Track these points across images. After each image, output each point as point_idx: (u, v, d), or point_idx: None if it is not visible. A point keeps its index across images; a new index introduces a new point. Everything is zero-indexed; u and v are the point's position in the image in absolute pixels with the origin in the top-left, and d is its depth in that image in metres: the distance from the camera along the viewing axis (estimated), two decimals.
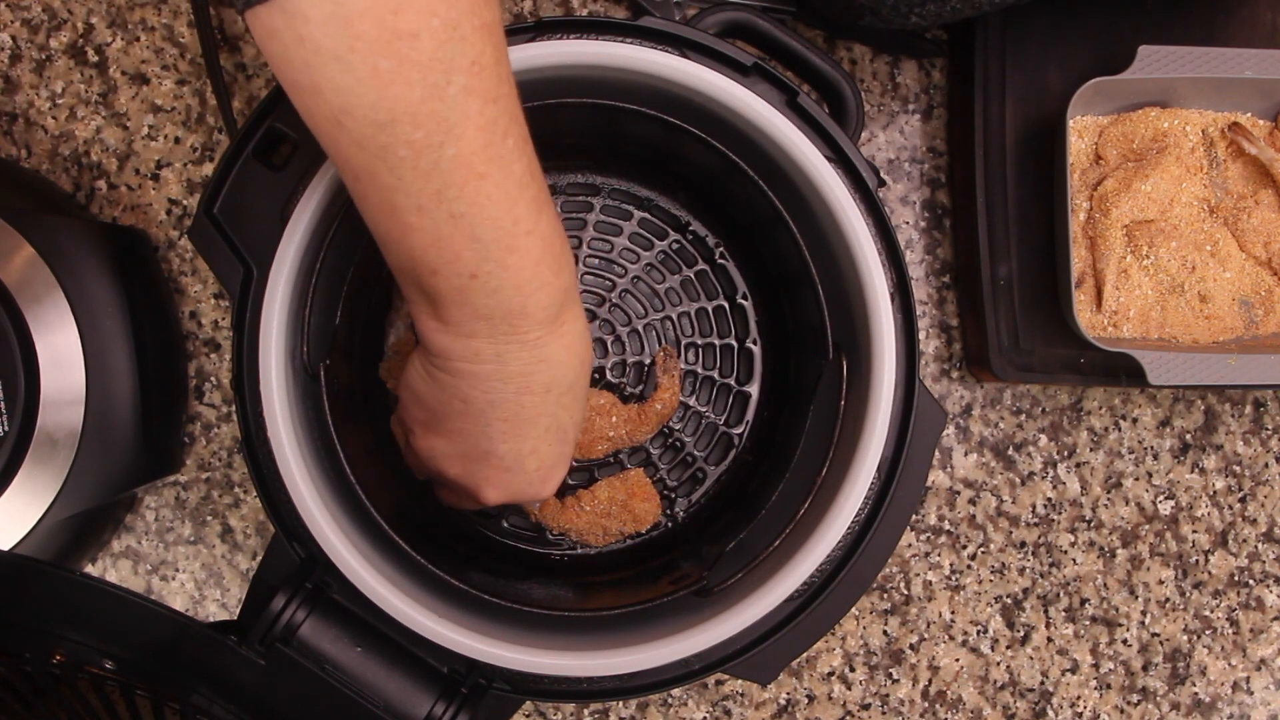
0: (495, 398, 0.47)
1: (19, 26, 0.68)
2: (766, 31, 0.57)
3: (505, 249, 0.42)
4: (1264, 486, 0.73)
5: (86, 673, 0.42)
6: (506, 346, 0.45)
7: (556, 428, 0.50)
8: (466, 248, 0.41)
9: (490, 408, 0.48)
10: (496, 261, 0.42)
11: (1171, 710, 0.72)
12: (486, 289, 0.43)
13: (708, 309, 0.64)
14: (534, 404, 0.48)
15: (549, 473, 0.52)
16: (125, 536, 0.68)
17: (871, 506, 0.53)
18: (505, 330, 0.45)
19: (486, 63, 0.39)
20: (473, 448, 0.50)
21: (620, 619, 0.53)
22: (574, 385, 0.49)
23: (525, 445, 0.49)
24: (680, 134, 0.55)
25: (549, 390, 0.48)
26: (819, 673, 0.70)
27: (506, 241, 0.42)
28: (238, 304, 0.51)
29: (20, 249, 0.57)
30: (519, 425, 0.48)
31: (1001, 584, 0.71)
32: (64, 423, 0.57)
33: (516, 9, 0.70)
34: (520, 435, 0.49)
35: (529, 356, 0.46)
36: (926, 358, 0.71)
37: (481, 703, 0.50)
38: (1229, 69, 0.65)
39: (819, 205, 0.53)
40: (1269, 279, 0.68)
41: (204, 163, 0.68)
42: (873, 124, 0.71)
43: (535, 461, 0.50)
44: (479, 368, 0.46)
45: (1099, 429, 0.72)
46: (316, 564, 0.50)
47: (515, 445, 0.49)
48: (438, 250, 0.41)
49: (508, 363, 0.46)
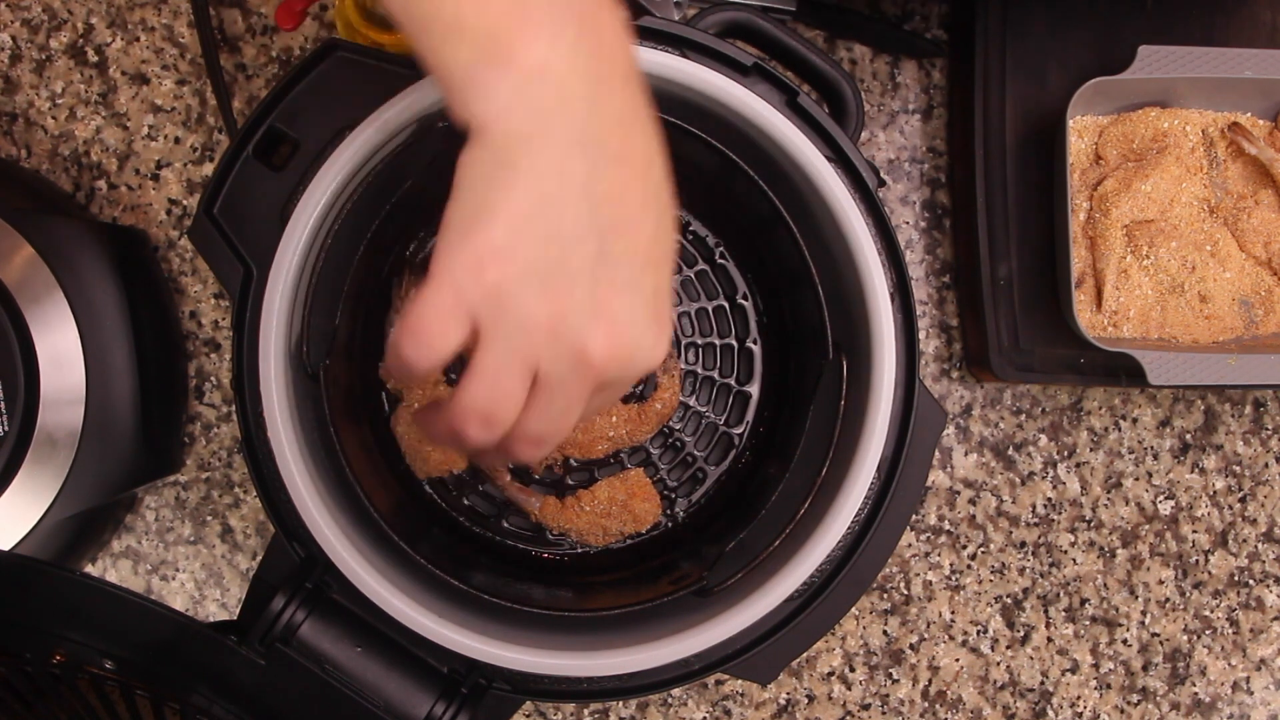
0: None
1: (19, 26, 0.68)
2: (766, 31, 0.57)
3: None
4: (1264, 486, 0.73)
5: (86, 673, 0.42)
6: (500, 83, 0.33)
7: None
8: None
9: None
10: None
11: (1171, 710, 0.72)
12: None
13: (708, 309, 0.64)
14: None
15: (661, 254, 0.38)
16: (125, 536, 0.68)
17: (871, 506, 0.53)
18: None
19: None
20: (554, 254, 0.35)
21: (620, 619, 0.53)
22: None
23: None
24: (680, 134, 0.55)
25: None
26: (819, 673, 0.70)
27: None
28: (238, 304, 0.51)
29: (20, 249, 0.57)
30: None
31: (1001, 584, 0.71)
32: (64, 423, 0.57)
33: None
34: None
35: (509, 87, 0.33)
36: (926, 358, 0.71)
37: (481, 703, 0.50)
38: (1229, 69, 0.65)
39: (819, 205, 0.53)
40: (1269, 279, 0.68)
41: (204, 163, 0.68)
42: (873, 124, 0.71)
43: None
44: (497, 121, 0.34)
45: (1099, 429, 0.72)
46: (316, 564, 0.50)
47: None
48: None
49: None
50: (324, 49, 0.52)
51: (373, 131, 0.50)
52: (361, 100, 0.51)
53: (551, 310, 0.35)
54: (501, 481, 0.62)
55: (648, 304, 0.37)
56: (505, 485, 0.62)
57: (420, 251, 0.63)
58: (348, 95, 0.52)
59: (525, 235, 0.34)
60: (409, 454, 0.61)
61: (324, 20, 0.68)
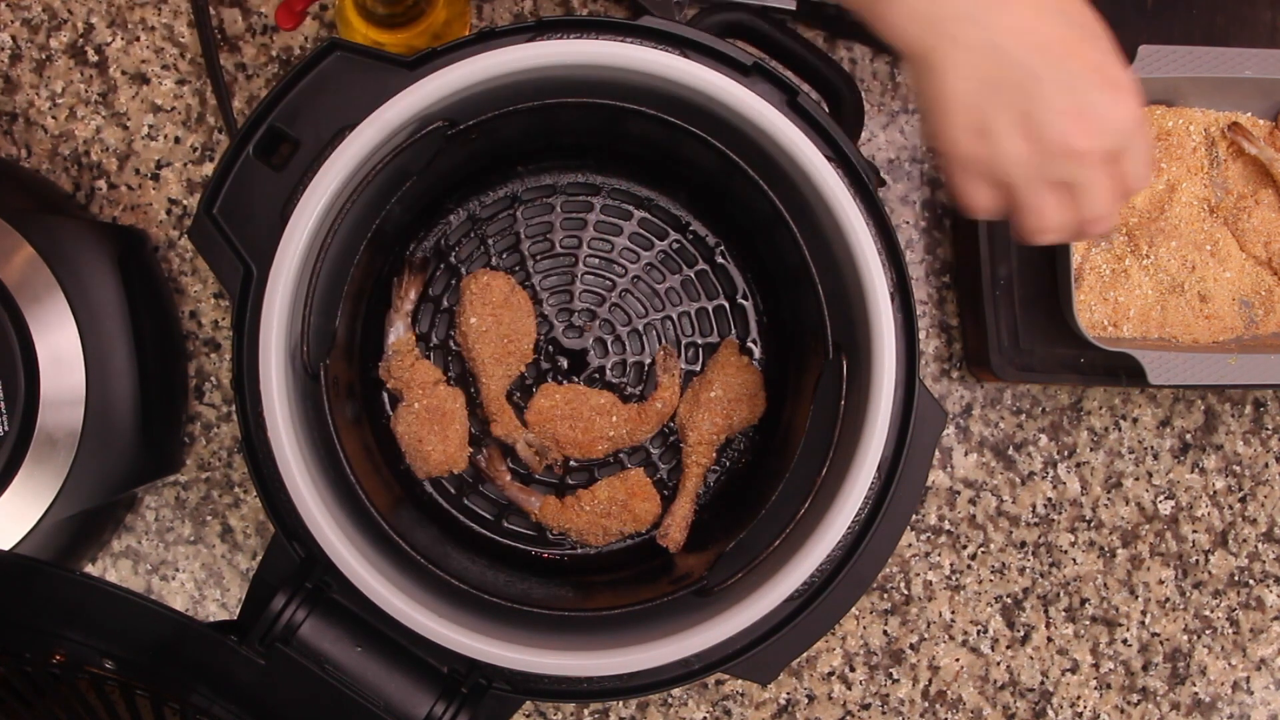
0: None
1: (19, 26, 0.68)
2: (766, 31, 0.57)
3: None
4: (1264, 486, 0.73)
5: (86, 673, 0.42)
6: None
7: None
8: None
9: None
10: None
11: (1171, 710, 0.72)
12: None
13: (708, 309, 0.64)
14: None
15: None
16: (125, 536, 0.68)
17: (871, 506, 0.53)
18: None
19: None
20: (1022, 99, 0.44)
21: (620, 619, 0.53)
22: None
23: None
24: (680, 134, 0.55)
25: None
26: (819, 673, 0.70)
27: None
28: (238, 304, 0.51)
29: (20, 249, 0.57)
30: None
31: (1001, 584, 0.71)
32: (64, 423, 0.57)
33: (516, 9, 0.70)
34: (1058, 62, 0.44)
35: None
36: (926, 358, 0.71)
37: (481, 703, 0.50)
38: (1229, 69, 0.65)
39: (819, 205, 0.53)
40: (1269, 279, 0.68)
41: (204, 163, 0.68)
42: (873, 124, 0.71)
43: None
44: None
45: (1099, 429, 0.72)
46: (316, 564, 0.50)
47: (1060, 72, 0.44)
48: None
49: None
50: (324, 49, 0.52)
51: (373, 131, 0.50)
52: (361, 100, 0.51)
53: (1027, 138, 0.44)
54: (502, 481, 0.62)
55: (1085, 77, 0.44)
56: (505, 485, 0.62)
57: (420, 251, 0.63)
58: (348, 95, 0.52)
59: (975, 107, 0.44)
60: (409, 454, 0.61)
61: (324, 20, 0.68)
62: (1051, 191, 0.45)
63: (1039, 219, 0.46)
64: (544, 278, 0.63)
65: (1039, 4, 0.44)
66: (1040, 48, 0.43)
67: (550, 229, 0.64)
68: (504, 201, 0.64)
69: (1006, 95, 0.44)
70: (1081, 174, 0.45)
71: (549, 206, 0.64)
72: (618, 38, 0.52)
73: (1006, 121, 0.44)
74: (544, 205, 0.64)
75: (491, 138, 0.56)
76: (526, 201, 0.64)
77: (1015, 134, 0.44)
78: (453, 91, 0.51)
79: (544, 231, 0.64)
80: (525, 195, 0.64)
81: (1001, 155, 0.45)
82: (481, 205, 0.63)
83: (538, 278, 0.63)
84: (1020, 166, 0.45)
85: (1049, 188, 0.45)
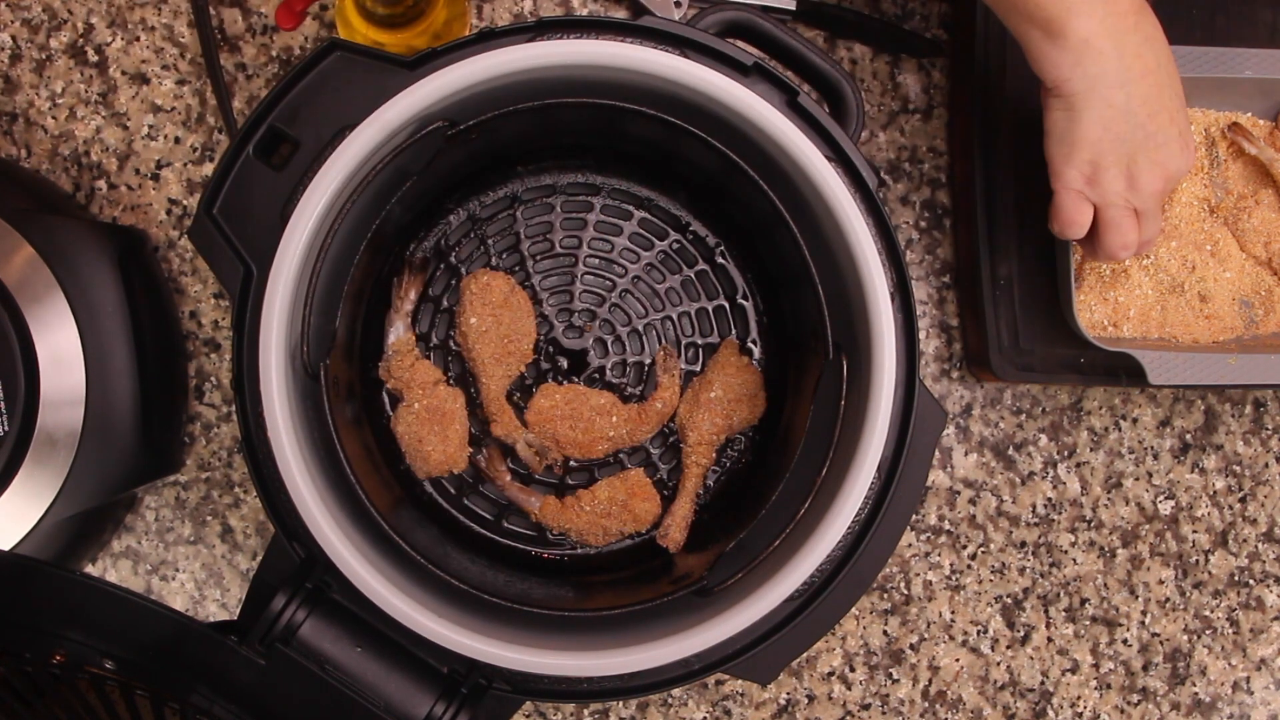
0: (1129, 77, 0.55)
1: (19, 26, 0.68)
2: (766, 31, 0.57)
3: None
4: (1264, 486, 0.73)
5: (86, 673, 0.42)
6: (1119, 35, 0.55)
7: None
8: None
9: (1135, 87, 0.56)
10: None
11: (1171, 710, 0.72)
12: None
13: (708, 309, 0.64)
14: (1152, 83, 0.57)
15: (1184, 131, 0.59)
16: (125, 536, 0.68)
17: (871, 506, 0.53)
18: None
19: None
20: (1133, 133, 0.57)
21: (620, 619, 0.53)
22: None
23: (1166, 113, 0.57)
24: (680, 134, 0.55)
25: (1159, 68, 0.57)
26: (819, 673, 0.70)
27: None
28: (238, 304, 0.51)
29: (20, 249, 0.57)
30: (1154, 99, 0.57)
31: (1001, 584, 0.71)
32: (64, 423, 0.57)
33: (516, 9, 0.70)
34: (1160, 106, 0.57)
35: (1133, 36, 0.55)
36: (926, 358, 0.71)
37: (481, 703, 0.50)
38: (1229, 69, 0.65)
39: (819, 205, 0.53)
40: (1269, 279, 0.68)
41: (204, 163, 0.68)
42: (873, 124, 0.71)
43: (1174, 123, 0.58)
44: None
45: (1099, 429, 0.72)
46: (316, 564, 0.50)
47: (1161, 116, 0.57)
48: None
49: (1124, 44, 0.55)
50: (324, 49, 0.52)
51: (373, 132, 0.50)
52: (361, 100, 0.51)
53: (1127, 179, 0.58)
54: (502, 481, 0.62)
55: (1174, 140, 0.58)
56: (505, 485, 0.62)
57: (420, 251, 0.63)
58: (348, 95, 0.52)
59: (1099, 149, 0.57)
60: (409, 454, 0.61)
61: (324, 20, 0.68)
62: (1130, 218, 0.59)
63: (1123, 236, 0.59)
64: (544, 278, 0.63)
65: (1161, 81, 0.57)
66: (1154, 115, 0.56)
67: (550, 229, 0.64)
68: (504, 201, 0.64)
69: (1123, 146, 0.57)
70: (1150, 205, 0.59)
71: (549, 206, 0.64)
72: (618, 38, 0.52)
73: (1115, 164, 0.57)
74: (544, 205, 0.64)
75: (491, 138, 0.56)
76: (526, 201, 0.64)
77: (1120, 175, 0.57)
78: (453, 92, 0.51)
79: (544, 231, 0.64)
80: (525, 195, 0.64)
81: (1105, 188, 0.58)
82: (481, 205, 0.63)
83: (538, 278, 0.63)
84: (1117, 197, 0.58)
85: (1130, 215, 0.59)
